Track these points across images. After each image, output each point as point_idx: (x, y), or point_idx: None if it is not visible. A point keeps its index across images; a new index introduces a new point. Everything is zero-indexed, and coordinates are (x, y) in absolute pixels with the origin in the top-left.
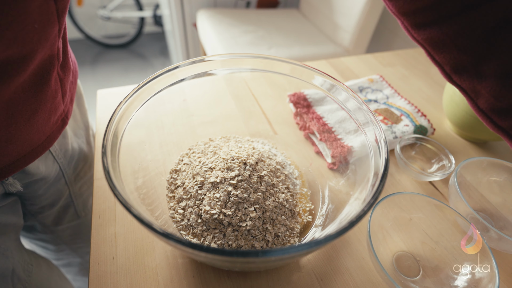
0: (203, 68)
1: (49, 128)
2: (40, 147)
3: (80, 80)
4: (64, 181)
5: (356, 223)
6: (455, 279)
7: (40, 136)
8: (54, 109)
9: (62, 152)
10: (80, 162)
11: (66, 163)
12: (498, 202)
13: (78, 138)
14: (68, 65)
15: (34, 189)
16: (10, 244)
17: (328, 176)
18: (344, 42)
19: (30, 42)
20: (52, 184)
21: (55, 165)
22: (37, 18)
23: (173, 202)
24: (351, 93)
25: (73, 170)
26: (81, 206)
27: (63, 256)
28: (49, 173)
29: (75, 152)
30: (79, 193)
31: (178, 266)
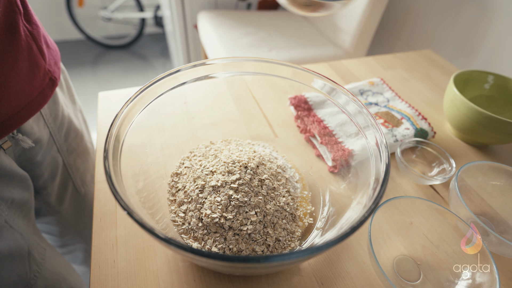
0: (204, 72)
1: (39, 83)
2: (35, 101)
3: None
4: (56, 148)
5: (357, 228)
6: (456, 283)
7: (31, 90)
8: (35, 63)
9: (52, 117)
10: (71, 132)
11: (56, 129)
12: (499, 206)
13: (68, 107)
14: (32, 20)
15: (33, 154)
16: (25, 225)
17: (329, 180)
18: (344, 45)
19: None
20: (47, 151)
21: (46, 129)
22: None
23: (174, 206)
24: (351, 96)
25: (64, 138)
26: (79, 181)
27: (68, 241)
28: (41, 135)
29: (65, 120)
30: (74, 166)
31: (179, 269)
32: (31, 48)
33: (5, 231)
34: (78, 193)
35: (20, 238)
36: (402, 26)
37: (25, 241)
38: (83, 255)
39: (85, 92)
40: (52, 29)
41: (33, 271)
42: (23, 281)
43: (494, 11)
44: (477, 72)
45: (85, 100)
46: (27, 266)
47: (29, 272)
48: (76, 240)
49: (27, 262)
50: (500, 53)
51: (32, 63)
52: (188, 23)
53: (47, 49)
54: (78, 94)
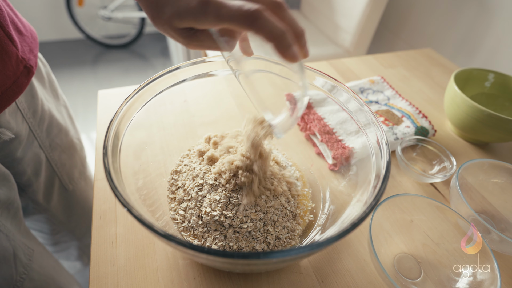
0: (204, 69)
1: (11, 72)
2: (9, 91)
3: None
4: (38, 143)
5: (357, 226)
6: (457, 281)
7: (4, 79)
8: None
9: (30, 112)
10: (53, 127)
11: (36, 124)
12: (500, 204)
13: (48, 102)
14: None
15: (11, 150)
16: (12, 227)
17: (329, 177)
18: (345, 43)
19: None
20: (27, 146)
21: (24, 124)
22: None
23: (174, 203)
24: (352, 94)
25: (46, 134)
26: (66, 178)
27: (60, 239)
28: (20, 130)
29: (45, 115)
30: (60, 162)
31: (179, 267)
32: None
33: None
34: (65, 190)
35: (5, 239)
36: (402, 24)
37: (10, 243)
38: (77, 252)
39: (85, 91)
40: (52, 28)
41: (19, 273)
42: (9, 283)
43: (495, 10)
44: (477, 70)
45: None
46: (12, 268)
47: (15, 275)
48: (69, 238)
49: (13, 264)
50: (500, 51)
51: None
52: None
53: (18, 35)
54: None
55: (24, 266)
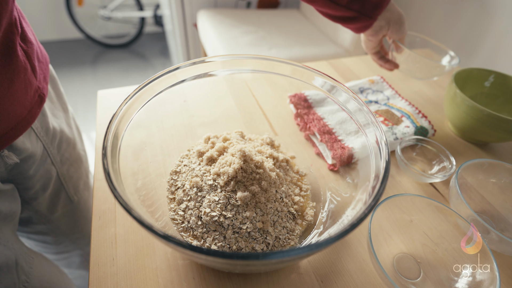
0: (203, 69)
1: (29, 102)
2: (24, 120)
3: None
4: (50, 160)
5: (356, 226)
6: (456, 281)
7: (22, 109)
8: (29, 82)
9: (43, 130)
10: (63, 142)
11: (49, 142)
12: (499, 204)
13: (58, 118)
14: (28, 38)
15: (25, 169)
16: (9, 236)
17: (328, 178)
18: (344, 43)
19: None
20: (40, 164)
21: (39, 143)
22: None
23: (174, 204)
24: (351, 94)
25: (57, 150)
26: (72, 190)
27: (63, 249)
28: (35, 150)
29: (56, 132)
30: (68, 176)
31: (179, 267)
32: (26, 68)
33: None
34: (71, 202)
35: (6, 249)
36: None
37: (12, 252)
38: (80, 259)
39: (84, 91)
40: (52, 28)
41: (21, 281)
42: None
43: (494, 10)
44: (477, 70)
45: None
46: (15, 277)
47: (17, 283)
48: (72, 248)
49: (15, 273)
50: (500, 51)
51: (27, 83)
52: (187, 22)
53: (38, 63)
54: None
55: (26, 274)
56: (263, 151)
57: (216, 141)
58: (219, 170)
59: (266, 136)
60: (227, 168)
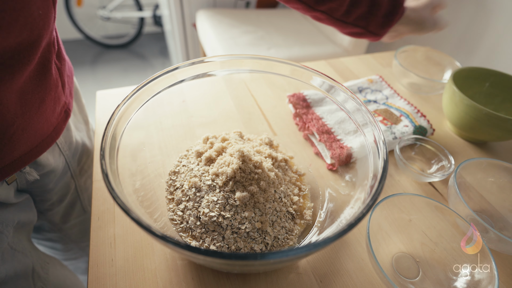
0: (202, 69)
1: (55, 118)
2: (49, 137)
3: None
4: (70, 174)
5: (355, 225)
6: (455, 280)
7: (48, 127)
8: (58, 99)
9: (67, 145)
10: (83, 155)
11: (71, 156)
12: (498, 203)
13: (80, 131)
14: (62, 55)
15: (46, 183)
16: (26, 243)
17: (327, 177)
18: (343, 43)
19: (37, 27)
20: (60, 178)
21: (61, 158)
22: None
23: (172, 204)
24: (350, 94)
25: (77, 163)
26: (87, 201)
27: (71, 256)
28: (57, 165)
29: (79, 145)
30: (84, 187)
31: (177, 268)
32: (57, 85)
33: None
34: (84, 212)
35: (24, 257)
36: None
37: (29, 259)
38: (86, 265)
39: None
40: None
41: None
42: None
43: (493, 9)
44: (476, 69)
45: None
46: (31, 283)
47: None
48: (79, 254)
49: (31, 280)
50: (499, 51)
51: (56, 100)
52: (186, 22)
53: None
54: None
55: (42, 280)
56: (262, 151)
57: (214, 141)
58: (217, 170)
59: (265, 136)
60: (225, 168)
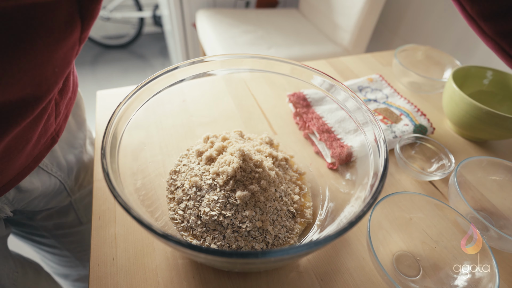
0: (202, 69)
1: (37, 149)
2: (26, 168)
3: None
4: (67, 192)
5: (355, 224)
6: (455, 278)
7: (28, 159)
8: (44, 131)
9: (54, 166)
10: (81, 172)
11: (66, 175)
12: (498, 201)
13: (75, 148)
14: (67, 88)
15: (35, 205)
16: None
17: (328, 176)
18: (343, 42)
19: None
20: (53, 197)
21: (52, 179)
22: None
23: (173, 203)
24: (350, 93)
25: (74, 181)
26: (82, 211)
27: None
28: (47, 187)
29: (72, 164)
30: (79, 198)
31: (178, 267)
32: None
33: None
34: (80, 223)
35: None
36: (400, 23)
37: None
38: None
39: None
40: None
41: None
42: None
43: None
44: (475, 67)
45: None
46: None
47: None
48: (75, 264)
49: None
50: None
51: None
52: (186, 22)
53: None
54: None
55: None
56: (262, 150)
57: (215, 140)
58: (218, 169)
59: (265, 135)
60: (226, 167)
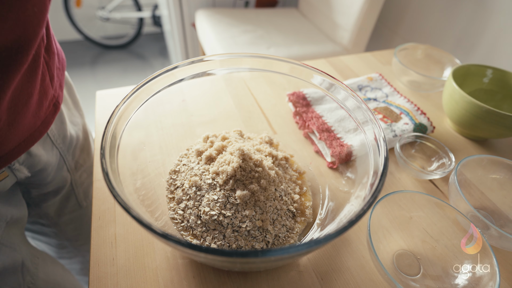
0: (202, 68)
1: (43, 112)
2: (37, 132)
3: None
4: (66, 168)
5: (355, 223)
6: (456, 277)
7: (36, 121)
8: (44, 92)
9: (60, 138)
10: (77, 149)
11: (66, 149)
12: (499, 200)
13: (75, 125)
14: (52, 48)
15: (43, 177)
16: (16, 238)
17: (328, 175)
18: (343, 41)
19: (31, 24)
20: (57, 172)
21: (54, 151)
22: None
23: (173, 203)
24: (350, 92)
25: (72, 157)
26: (82, 195)
27: (65, 254)
28: (51, 158)
29: (73, 139)
30: (79, 181)
31: (178, 266)
32: (44, 79)
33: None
34: (80, 207)
35: (13, 251)
36: (400, 21)
37: (19, 253)
38: (80, 266)
39: (84, 92)
40: None
41: (26, 282)
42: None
43: (492, 6)
44: (475, 66)
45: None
46: (20, 278)
47: (22, 284)
48: (74, 254)
49: (20, 274)
50: (498, 47)
51: (42, 94)
52: (186, 21)
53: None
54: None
55: (31, 275)
56: (262, 149)
57: (215, 140)
58: (218, 169)
59: (265, 134)
60: (226, 167)
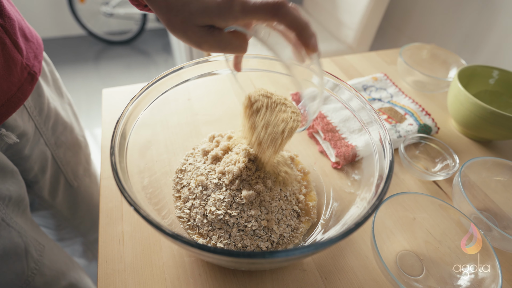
0: (207, 69)
1: (16, 79)
2: (14, 97)
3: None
4: (44, 141)
5: (361, 225)
6: (459, 278)
7: (10, 86)
8: (10, 58)
9: (36, 110)
10: (58, 125)
11: (42, 122)
12: (502, 202)
13: (54, 101)
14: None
15: (19, 148)
16: (22, 223)
17: (332, 176)
18: (348, 39)
19: None
20: (34, 144)
21: (31, 122)
22: None
23: (180, 202)
24: (354, 92)
25: (51, 131)
26: (71, 175)
27: (65, 235)
28: (26, 129)
29: (51, 113)
30: (65, 160)
31: (185, 264)
32: (5, 43)
33: (1, 229)
34: (70, 187)
35: (17, 236)
36: (406, 20)
37: (22, 239)
38: (82, 248)
39: (87, 88)
40: (54, 25)
41: (30, 269)
42: (20, 279)
43: (498, 6)
44: (481, 67)
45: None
46: (24, 263)
47: (26, 270)
48: (74, 234)
49: (25, 260)
50: (504, 48)
51: (7, 58)
52: None
53: (24, 42)
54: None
55: (35, 261)
56: None
57: (220, 139)
58: (224, 168)
59: None
60: (232, 166)
